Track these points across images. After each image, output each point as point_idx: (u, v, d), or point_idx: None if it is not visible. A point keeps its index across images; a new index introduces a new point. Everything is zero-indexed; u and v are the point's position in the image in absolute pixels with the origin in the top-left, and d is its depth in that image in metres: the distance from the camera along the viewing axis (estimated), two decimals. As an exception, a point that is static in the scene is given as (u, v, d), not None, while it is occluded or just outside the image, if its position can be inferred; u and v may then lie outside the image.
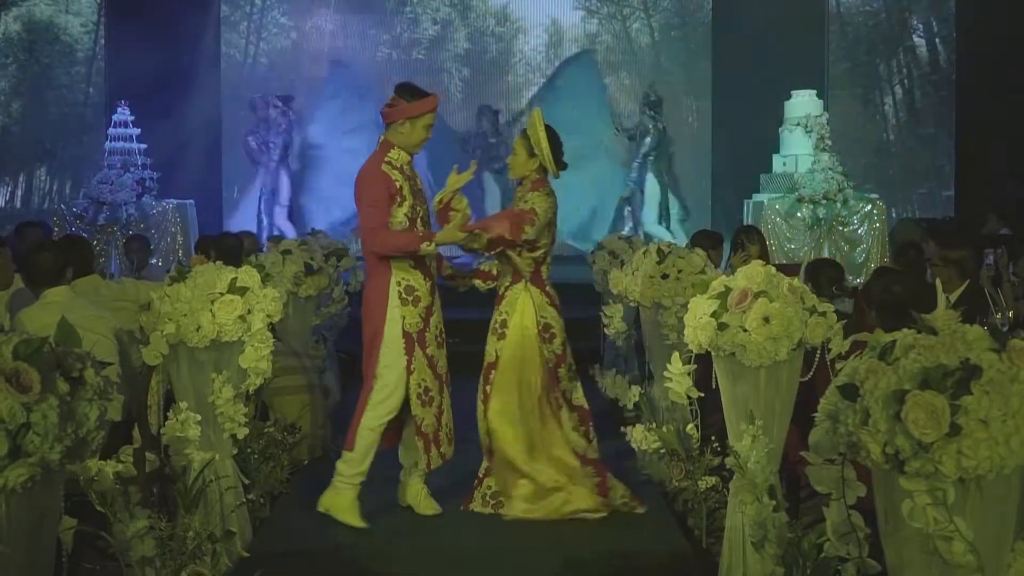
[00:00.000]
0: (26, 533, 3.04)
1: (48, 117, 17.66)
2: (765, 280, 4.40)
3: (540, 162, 5.86)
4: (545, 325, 5.88)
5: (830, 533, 3.53)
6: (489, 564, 5.34)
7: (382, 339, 5.68)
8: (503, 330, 5.88)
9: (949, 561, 2.83)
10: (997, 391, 2.74)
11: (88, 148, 16.95)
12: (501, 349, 5.85)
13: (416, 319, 5.68)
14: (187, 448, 4.93)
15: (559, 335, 5.93)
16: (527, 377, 5.83)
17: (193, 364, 4.98)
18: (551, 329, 5.90)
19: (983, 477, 2.77)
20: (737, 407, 4.48)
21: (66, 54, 17.88)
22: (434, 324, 5.78)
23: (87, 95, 17.82)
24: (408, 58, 17.48)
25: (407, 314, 5.67)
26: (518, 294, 5.88)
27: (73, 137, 17.71)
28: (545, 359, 5.86)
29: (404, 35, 17.61)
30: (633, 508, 5.92)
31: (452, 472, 6.11)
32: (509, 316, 5.87)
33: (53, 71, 17.87)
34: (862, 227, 13.12)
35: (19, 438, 2.90)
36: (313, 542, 5.56)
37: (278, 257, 7.80)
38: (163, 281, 5.10)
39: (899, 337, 2.95)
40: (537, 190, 5.86)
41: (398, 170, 5.68)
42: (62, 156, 17.89)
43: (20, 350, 2.98)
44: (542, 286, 5.94)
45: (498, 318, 5.92)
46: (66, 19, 17.93)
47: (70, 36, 17.92)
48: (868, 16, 17.90)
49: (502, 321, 5.89)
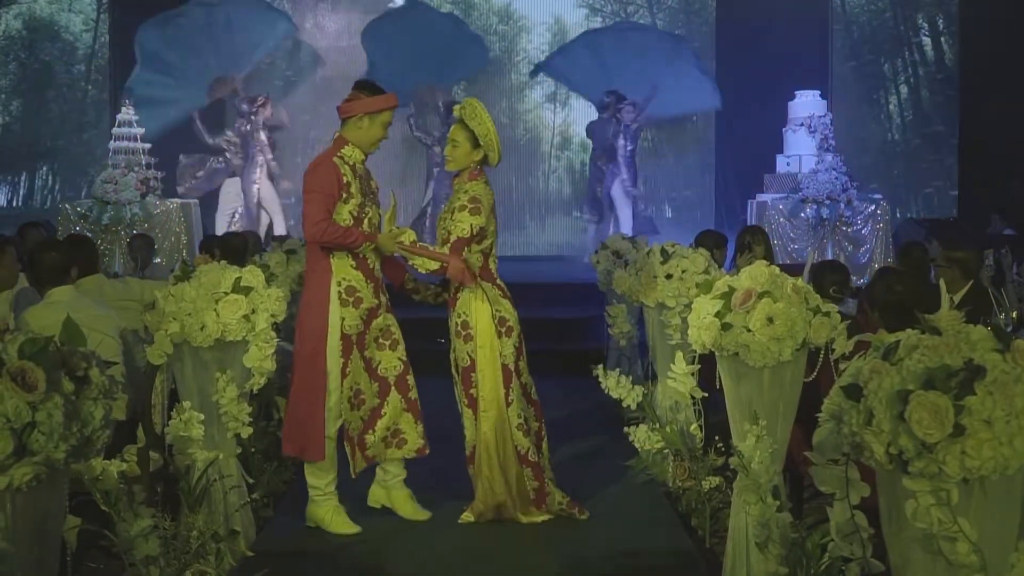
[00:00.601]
0: (31, 531, 3.05)
1: (48, 115, 17.65)
2: (769, 280, 4.40)
3: (484, 152, 5.70)
4: (501, 319, 5.70)
5: (834, 533, 3.53)
6: (490, 563, 5.34)
7: (325, 343, 5.53)
8: (467, 331, 5.70)
9: (953, 561, 2.83)
10: (1001, 391, 2.74)
11: (89, 146, 16.95)
12: (474, 351, 5.69)
13: (356, 321, 5.57)
14: (191, 447, 4.94)
15: (515, 327, 5.74)
16: (495, 377, 5.71)
17: (197, 363, 4.99)
18: (507, 323, 5.71)
19: (987, 477, 2.77)
20: (741, 407, 4.48)
21: (67, 52, 17.88)
22: (376, 326, 5.65)
23: (86, 92, 17.81)
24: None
25: (347, 315, 5.55)
26: (471, 292, 5.70)
27: (74, 135, 17.71)
28: (503, 355, 5.70)
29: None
30: (572, 513, 5.76)
31: (443, 472, 6.11)
32: (468, 316, 5.70)
33: (53, 69, 17.86)
34: (866, 227, 13.14)
35: (24, 437, 2.91)
36: (316, 542, 5.56)
37: (282, 257, 7.82)
38: (167, 280, 5.11)
39: (903, 337, 2.96)
40: (475, 179, 5.72)
41: (349, 167, 5.59)
42: (63, 155, 17.89)
43: (25, 349, 2.99)
44: (492, 280, 5.76)
45: (457, 320, 5.74)
46: (67, 17, 17.92)
47: (71, 34, 17.93)
48: (873, 15, 17.89)
49: (463, 323, 5.71)
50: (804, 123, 13.56)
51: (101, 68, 17.56)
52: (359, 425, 5.66)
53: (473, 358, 5.69)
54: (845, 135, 14.95)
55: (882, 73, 17.83)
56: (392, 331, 5.74)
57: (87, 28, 17.92)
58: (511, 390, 5.70)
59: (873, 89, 17.62)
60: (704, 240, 8.06)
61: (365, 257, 5.60)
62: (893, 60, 17.88)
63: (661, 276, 6.72)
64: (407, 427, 5.73)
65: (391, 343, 5.72)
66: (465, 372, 5.72)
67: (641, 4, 18.05)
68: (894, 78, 17.93)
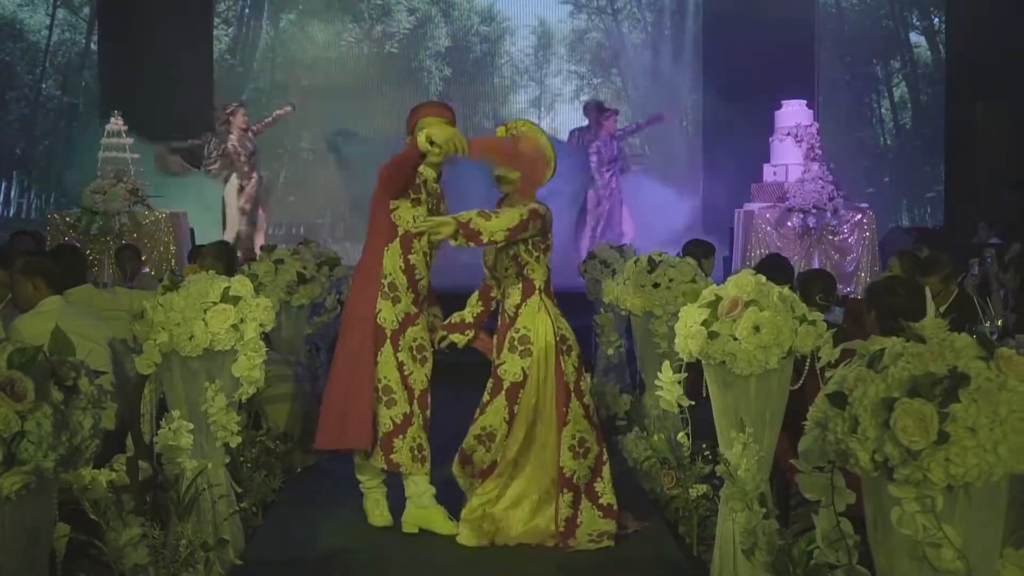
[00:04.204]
0: (21, 540, 3.05)
1: (8, 118, 17.38)
2: (755, 289, 4.42)
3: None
4: (563, 337, 5.56)
5: (820, 540, 3.53)
6: (480, 567, 5.34)
7: (370, 332, 5.65)
8: (525, 346, 5.52)
9: (938, 568, 2.84)
10: (985, 399, 2.75)
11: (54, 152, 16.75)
12: (528, 367, 5.50)
13: (391, 316, 5.67)
14: (180, 457, 4.93)
15: (575, 347, 5.61)
16: (548, 395, 5.54)
17: (186, 373, 4.98)
18: (567, 341, 5.57)
19: (971, 484, 2.78)
20: (728, 415, 4.50)
21: (29, 51, 17.53)
22: (411, 335, 5.71)
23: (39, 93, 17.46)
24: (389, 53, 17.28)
25: (384, 308, 5.66)
26: (535, 307, 5.56)
27: (41, 141, 17.48)
28: (564, 372, 5.52)
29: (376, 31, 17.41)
30: (599, 543, 5.51)
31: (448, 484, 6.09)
32: (529, 331, 5.53)
33: (14, 70, 17.52)
34: (852, 236, 13.16)
35: (13, 446, 2.91)
36: (305, 550, 5.56)
37: (271, 266, 7.81)
38: (156, 290, 5.10)
39: (888, 345, 2.97)
40: (528, 195, 5.60)
41: (421, 182, 5.72)
42: (30, 160, 17.59)
43: (14, 359, 2.99)
44: (552, 297, 5.65)
45: (515, 335, 5.54)
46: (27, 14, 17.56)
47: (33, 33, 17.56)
48: (864, 14, 17.83)
49: (521, 337, 5.55)
50: (790, 133, 13.58)
51: (60, 67, 17.20)
52: (389, 425, 5.65)
53: (528, 374, 5.52)
54: (835, 139, 14.94)
55: (874, 74, 17.77)
56: (425, 349, 5.79)
57: (50, 26, 17.60)
58: (570, 409, 5.53)
59: (864, 93, 17.58)
60: (692, 249, 8.09)
61: (414, 265, 5.70)
62: (885, 64, 17.81)
63: (648, 285, 6.74)
64: (426, 445, 5.73)
65: (422, 359, 5.76)
66: (513, 388, 5.53)
67: (623, 6, 17.93)
68: (888, 80, 17.87)
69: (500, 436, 5.55)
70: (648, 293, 6.74)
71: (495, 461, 5.60)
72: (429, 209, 5.70)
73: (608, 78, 18.15)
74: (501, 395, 5.54)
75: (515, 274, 5.61)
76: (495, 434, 5.56)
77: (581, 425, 5.54)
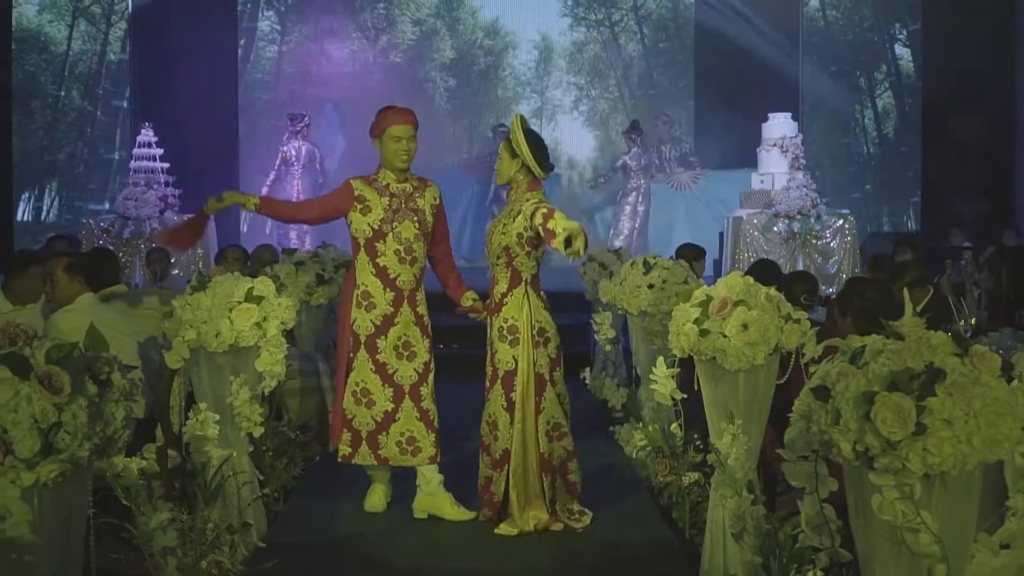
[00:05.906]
0: (57, 524, 3.05)
1: (32, 126, 17.36)
2: (743, 290, 4.41)
3: (522, 162, 5.53)
4: (540, 329, 5.50)
5: (804, 525, 3.53)
6: (483, 552, 5.31)
7: (346, 340, 5.72)
8: (514, 336, 5.48)
9: (916, 551, 2.84)
10: (960, 393, 2.75)
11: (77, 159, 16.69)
12: (518, 355, 5.47)
13: (367, 323, 5.65)
14: (207, 446, 4.93)
15: (553, 339, 5.54)
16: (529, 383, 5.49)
17: (212, 368, 4.98)
18: (545, 333, 5.51)
19: (947, 473, 2.78)
20: (718, 408, 4.49)
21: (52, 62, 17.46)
22: (395, 334, 5.67)
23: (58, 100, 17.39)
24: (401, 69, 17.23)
25: (359, 316, 5.67)
26: (521, 298, 5.51)
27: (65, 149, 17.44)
28: (536, 363, 5.47)
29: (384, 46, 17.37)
30: (571, 523, 5.54)
31: (456, 474, 6.08)
32: (517, 321, 5.48)
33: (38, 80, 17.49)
34: (834, 240, 13.14)
35: (51, 436, 2.91)
36: (324, 533, 5.55)
37: (291, 268, 7.84)
38: (184, 290, 5.11)
39: (868, 342, 2.97)
40: (534, 189, 5.56)
41: (372, 186, 5.69)
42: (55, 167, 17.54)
43: (52, 354, 2.99)
44: (538, 289, 5.61)
45: (504, 324, 5.51)
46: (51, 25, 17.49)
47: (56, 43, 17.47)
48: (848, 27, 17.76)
49: (510, 327, 5.49)
50: (777, 144, 13.56)
51: (81, 76, 17.16)
52: (370, 423, 5.67)
53: (518, 362, 5.48)
54: (822, 148, 14.92)
55: (858, 85, 17.71)
56: (412, 344, 5.71)
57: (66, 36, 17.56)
58: (543, 398, 5.51)
59: (847, 103, 17.52)
60: (684, 252, 8.13)
61: (385, 267, 5.66)
62: (868, 75, 17.74)
63: (644, 286, 6.75)
64: (420, 436, 5.69)
65: (409, 355, 5.70)
66: (508, 376, 5.49)
67: (626, 12, 17.84)
68: (871, 91, 17.80)
69: (503, 423, 5.50)
70: (643, 293, 6.74)
71: (506, 449, 5.52)
72: (395, 209, 5.67)
73: (606, 89, 18.10)
74: (498, 383, 5.53)
75: (504, 263, 5.56)
76: (498, 421, 5.53)
77: (555, 411, 5.53)
